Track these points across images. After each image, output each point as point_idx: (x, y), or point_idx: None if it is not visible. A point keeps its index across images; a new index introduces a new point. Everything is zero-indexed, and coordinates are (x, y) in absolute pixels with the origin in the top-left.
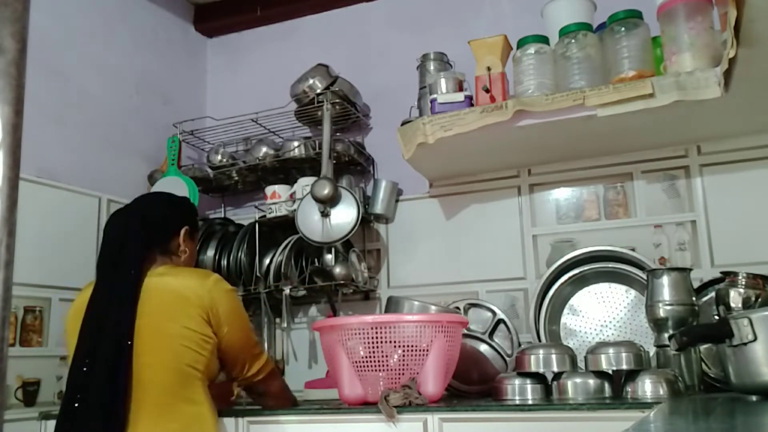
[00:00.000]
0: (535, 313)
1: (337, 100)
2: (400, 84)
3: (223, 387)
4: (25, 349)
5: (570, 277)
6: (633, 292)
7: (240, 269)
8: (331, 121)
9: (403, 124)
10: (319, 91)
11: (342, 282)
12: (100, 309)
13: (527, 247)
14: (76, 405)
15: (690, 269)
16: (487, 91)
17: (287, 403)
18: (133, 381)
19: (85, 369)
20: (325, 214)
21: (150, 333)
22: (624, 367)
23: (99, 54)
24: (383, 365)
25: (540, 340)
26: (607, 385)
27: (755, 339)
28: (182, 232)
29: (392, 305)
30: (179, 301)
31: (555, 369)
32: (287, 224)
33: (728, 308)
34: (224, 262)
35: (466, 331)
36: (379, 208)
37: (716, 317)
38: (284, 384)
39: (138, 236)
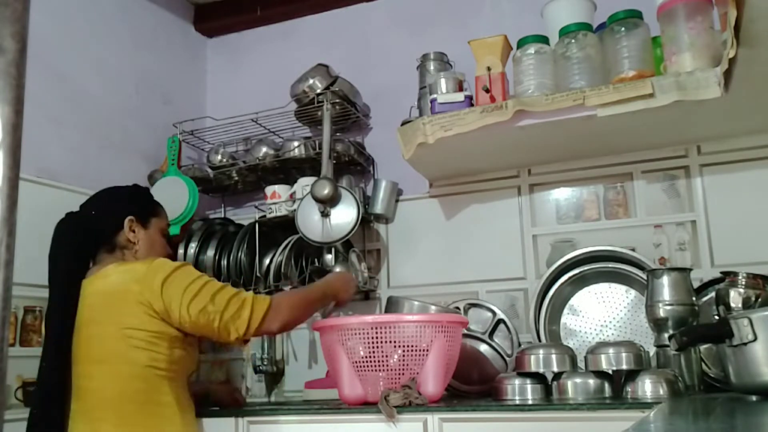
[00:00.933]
0: (535, 313)
1: (337, 100)
2: (400, 84)
3: (225, 388)
4: (25, 349)
5: (570, 277)
6: (633, 292)
7: (240, 269)
8: (331, 121)
9: (403, 124)
10: (319, 91)
11: None
12: (46, 322)
13: (527, 247)
14: (31, 418)
15: (690, 269)
16: (487, 91)
17: (302, 303)
18: (81, 387)
19: (38, 380)
20: (325, 214)
21: (92, 338)
22: (624, 367)
23: (99, 54)
24: (383, 365)
25: (540, 340)
26: (607, 385)
27: (755, 339)
28: (126, 223)
29: (392, 305)
30: (117, 300)
31: (555, 369)
32: (287, 224)
33: (728, 308)
34: (224, 262)
35: (466, 331)
36: (379, 208)
37: (716, 317)
38: (289, 300)
39: (69, 247)
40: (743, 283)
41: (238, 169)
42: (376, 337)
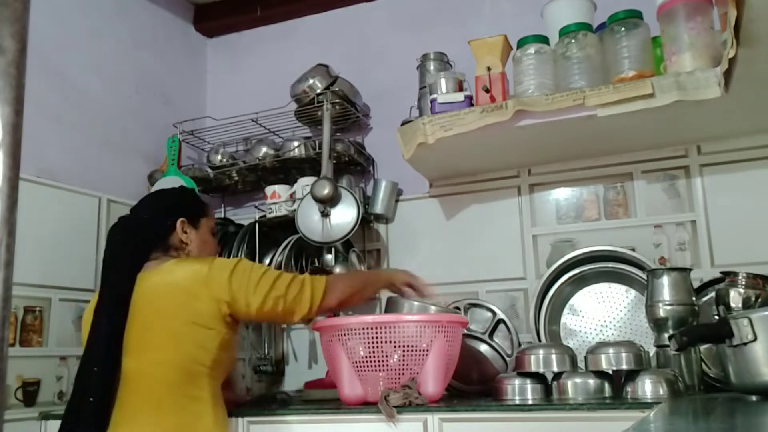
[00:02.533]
0: (535, 313)
1: (337, 100)
2: (400, 84)
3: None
4: (25, 349)
5: (570, 277)
6: (633, 292)
7: None
8: (331, 121)
9: (403, 124)
10: (319, 91)
11: None
12: (95, 319)
13: (527, 247)
14: (73, 405)
15: (690, 269)
16: (487, 91)
17: (346, 281)
18: (124, 378)
19: (81, 373)
20: (325, 214)
21: (147, 329)
22: (624, 367)
23: (99, 54)
24: (383, 365)
25: (540, 340)
26: (607, 385)
27: (755, 339)
28: (178, 225)
29: (392, 305)
30: (181, 295)
31: (555, 369)
32: (287, 224)
33: (728, 308)
34: None
35: (466, 331)
36: (379, 208)
37: (716, 317)
38: (342, 279)
39: (125, 248)
40: (743, 283)
41: (238, 169)
42: (376, 337)
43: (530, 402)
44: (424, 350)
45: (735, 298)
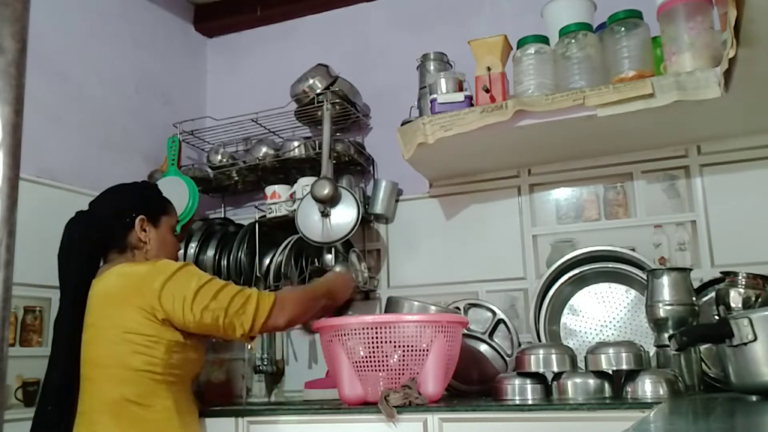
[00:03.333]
0: (535, 313)
1: (337, 100)
2: (400, 84)
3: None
4: (25, 349)
5: (570, 277)
6: (633, 292)
7: (240, 269)
8: (331, 121)
9: (403, 124)
10: (319, 91)
11: None
12: (56, 322)
13: (527, 247)
14: (40, 414)
15: (690, 269)
16: (487, 91)
17: (307, 303)
18: (83, 388)
19: (46, 379)
20: (325, 214)
21: (96, 340)
22: (624, 367)
23: (99, 54)
24: (383, 365)
25: (540, 340)
26: (607, 385)
27: (755, 339)
28: (137, 223)
29: (392, 305)
30: (114, 304)
31: (555, 369)
32: (287, 224)
33: (728, 308)
34: (224, 262)
35: (466, 331)
36: (379, 208)
37: (716, 317)
38: (293, 296)
39: (80, 247)
40: (743, 283)
41: (238, 169)
42: (376, 337)
43: (530, 402)
44: (424, 350)
45: (735, 298)
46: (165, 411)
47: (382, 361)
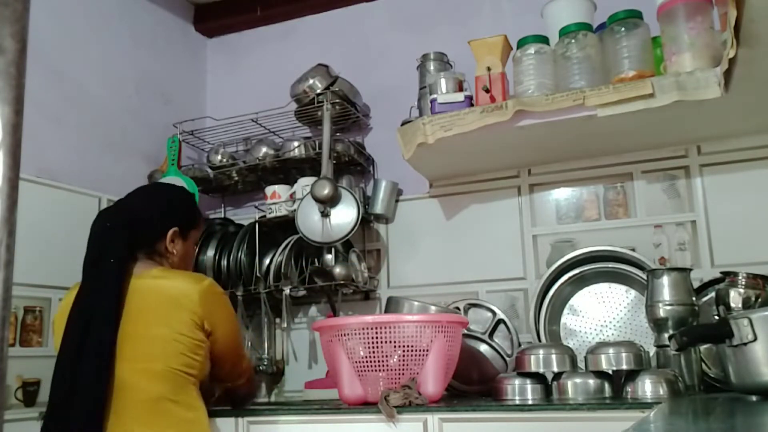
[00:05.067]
0: (535, 313)
1: (337, 100)
2: (400, 84)
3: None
4: (25, 349)
5: (570, 277)
6: (633, 292)
7: (240, 269)
8: (331, 121)
9: (403, 124)
10: (319, 91)
11: (342, 282)
12: (85, 311)
13: (527, 247)
14: (61, 406)
15: (690, 269)
16: (487, 91)
17: (251, 396)
18: (117, 385)
19: (70, 371)
20: (325, 214)
21: (139, 337)
22: (624, 367)
23: (99, 54)
24: (383, 365)
25: (540, 340)
26: (607, 385)
27: (755, 339)
28: (169, 233)
29: (392, 305)
30: (171, 305)
31: (555, 369)
32: (287, 224)
33: (728, 308)
34: (224, 262)
35: (466, 331)
36: (379, 208)
37: (716, 317)
38: (255, 383)
39: (120, 236)
40: (743, 283)
41: (238, 169)
42: (376, 337)
43: (530, 402)
44: (424, 350)
45: (735, 298)
46: (198, 410)
47: (382, 361)
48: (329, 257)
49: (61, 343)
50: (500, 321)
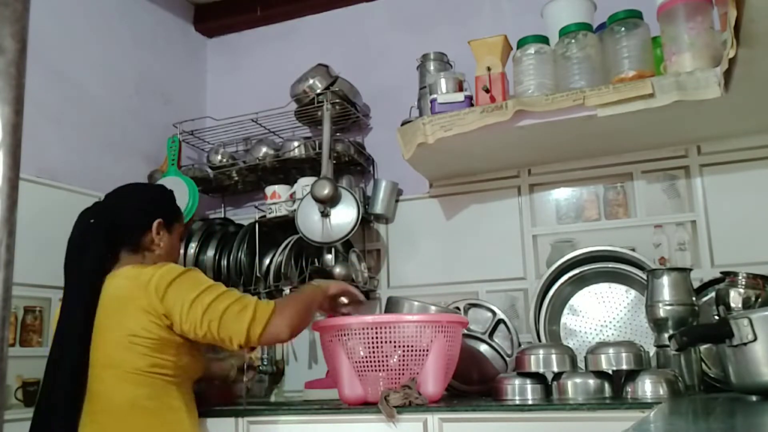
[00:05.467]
0: (535, 313)
1: (337, 100)
2: (400, 84)
3: (223, 389)
4: (25, 349)
5: (570, 277)
6: (633, 292)
7: (240, 269)
8: (331, 121)
9: (403, 124)
10: (319, 91)
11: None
12: (64, 316)
13: (527, 247)
14: (41, 409)
15: (690, 269)
16: (487, 91)
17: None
18: (92, 392)
19: (50, 377)
20: (325, 214)
21: (105, 341)
22: (624, 367)
23: (99, 54)
24: (383, 365)
25: (540, 340)
26: (607, 385)
27: (755, 339)
28: (154, 225)
29: (392, 305)
30: (122, 306)
31: (555, 369)
32: (287, 224)
33: (728, 308)
34: (224, 262)
35: (466, 331)
36: (379, 208)
37: (716, 317)
38: (292, 302)
39: (99, 238)
40: (743, 283)
41: (238, 169)
42: (376, 337)
43: (530, 402)
44: (424, 350)
45: (735, 298)
46: (176, 411)
47: (382, 361)
48: (329, 257)
49: (50, 348)
50: (500, 321)
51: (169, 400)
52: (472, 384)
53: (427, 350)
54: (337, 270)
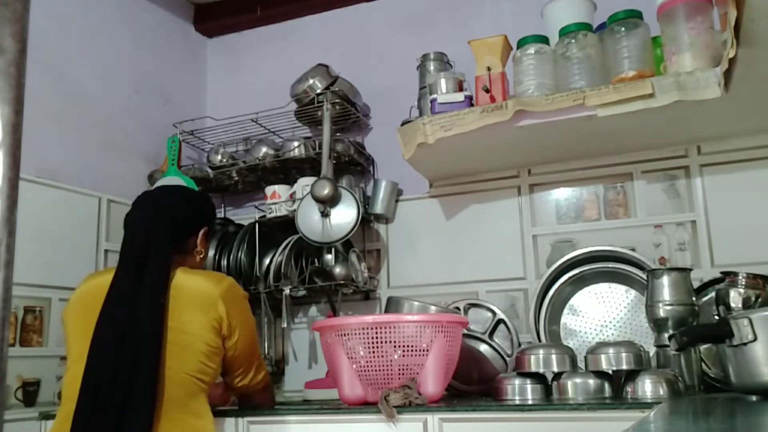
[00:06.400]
0: (535, 313)
1: (337, 100)
2: (400, 84)
3: (219, 387)
4: (25, 349)
5: (570, 277)
6: (633, 292)
7: (240, 269)
8: (331, 121)
9: (403, 124)
10: (319, 91)
11: (342, 282)
12: (125, 303)
13: (527, 247)
14: (104, 396)
15: (690, 269)
16: (487, 91)
17: (268, 405)
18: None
19: (115, 358)
20: (325, 214)
21: (170, 340)
22: (624, 367)
23: (99, 54)
24: (383, 365)
25: (540, 340)
26: (607, 385)
27: (755, 339)
28: (201, 233)
29: (392, 305)
30: (193, 308)
31: (555, 369)
32: (287, 224)
33: (728, 308)
34: (224, 262)
35: (466, 331)
36: (379, 208)
37: (716, 317)
38: (272, 391)
39: (166, 232)
40: (743, 283)
41: (238, 169)
42: (376, 337)
43: (530, 402)
44: (424, 350)
45: (735, 298)
46: (204, 418)
47: (382, 361)
48: (329, 257)
49: (97, 332)
50: (500, 321)
51: (199, 406)
52: (472, 384)
53: (427, 350)
54: (337, 270)
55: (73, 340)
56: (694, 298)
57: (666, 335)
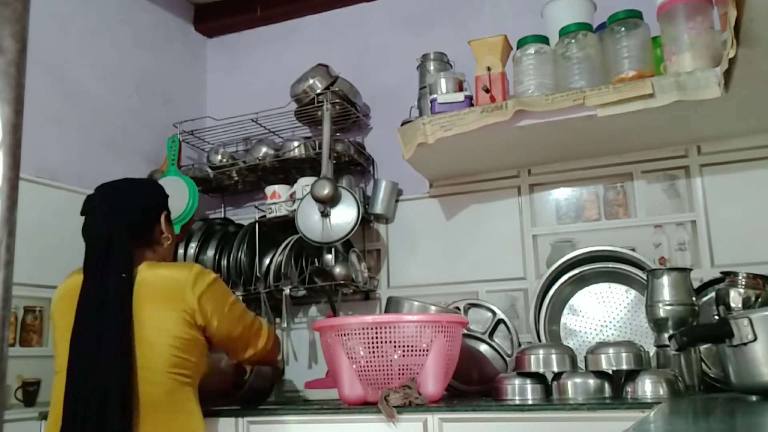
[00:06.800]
0: (535, 313)
1: (337, 100)
2: (400, 84)
3: (224, 376)
4: (25, 349)
5: (570, 277)
6: (633, 292)
7: (240, 269)
8: (331, 121)
9: (403, 124)
10: (319, 91)
11: (342, 282)
12: (94, 309)
13: (527, 247)
14: (86, 403)
15: (690, 269)
16: (487, 91)
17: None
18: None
19: (90, 365)
20: (325, 214)
21: (139, 339)
22: (624, 367)
23: (99, 54)
24: (383, 365)
25: (540, 340)
26: (607, 385)
27: (755, 339)
28: (163, 217)
29: (392, 305)
30: (156, 303)
31: (555, 369)
32: (287, 224)
33: (728, 308)
34: (224, 262)
35: (466, 331)
36: (379, 208)
37: (716, 317)
38: (278, 342)
39: (124, 232)
40: (743, 283)
41: (238, 169)
42: (376, 337)
43: (530, 402)
44: (424, 350)
45: (735, 298)
46: (193, 415)
47: (382, 361)
48: (329, 257)
49: (72, 343)
50: (500, 321)
51: (185, 402)
52: (472, 384)
53: (427, 350)
54: (337, 270)
55: (61, 340)
56: (694, 298)
57: (666, 335)
